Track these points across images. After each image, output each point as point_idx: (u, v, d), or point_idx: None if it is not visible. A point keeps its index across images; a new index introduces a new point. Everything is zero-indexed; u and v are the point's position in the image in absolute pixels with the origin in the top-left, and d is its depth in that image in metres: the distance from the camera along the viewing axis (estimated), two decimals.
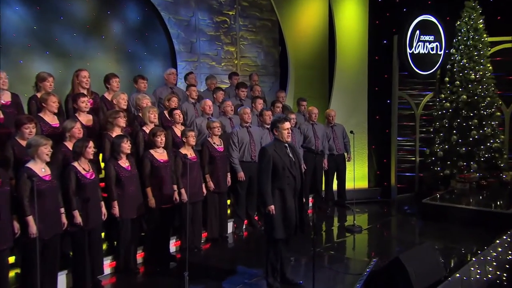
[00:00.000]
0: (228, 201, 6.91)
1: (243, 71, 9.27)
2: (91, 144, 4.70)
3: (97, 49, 7.51)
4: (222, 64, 9.13)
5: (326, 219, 7.45)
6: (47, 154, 4.31)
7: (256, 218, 6.85)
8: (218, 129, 6.13)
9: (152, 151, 5.44)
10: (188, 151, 5.71)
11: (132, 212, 5.12)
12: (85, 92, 5.62)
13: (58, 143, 4.84)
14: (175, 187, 5.55)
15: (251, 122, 6.84)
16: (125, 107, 5.74)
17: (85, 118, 5.43)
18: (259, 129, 6.68)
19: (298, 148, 6.80)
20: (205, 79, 8.12)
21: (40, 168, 4.32)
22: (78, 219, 4.59)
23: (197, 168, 5.81)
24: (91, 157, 4.73)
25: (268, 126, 6.53)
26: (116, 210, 5.03)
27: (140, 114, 5.94)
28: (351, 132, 7.44)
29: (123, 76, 6.97)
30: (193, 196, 5.73)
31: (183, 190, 5.59)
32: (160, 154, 5.44)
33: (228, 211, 6.85)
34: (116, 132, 5.35)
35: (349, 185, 7.75)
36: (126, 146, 5.06)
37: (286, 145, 4.64)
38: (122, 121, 5.40)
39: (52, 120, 5.17)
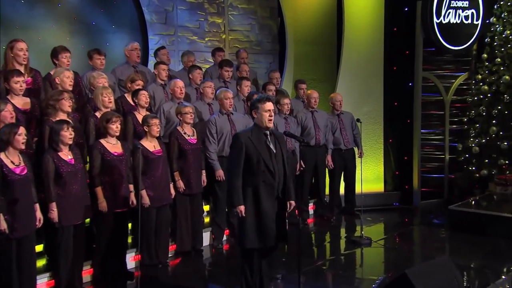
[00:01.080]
0: (207, 207, 6.87)
1: (233, 48, 9.17)
2: (21, 130, 4.55)
3: (51, 20, 7.43)
4: (206, 39, 9.06)
5: (331, 230, 7.45)
6: None
7: None
8: (191, 116, 6.06)
9: (103, 141, 5.33)
10: (151, 143, 5.68)
11: (75, 217, 5.00)
12: (21, 69, 5.50)
13: None
14: (131, 187, 5.46)
15: (235, 108, 6.79)
16: (70, 87, 5.67)
17: (21, 101, 5.32)
18: (244, 117, 6.60)
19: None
20: (180, 56, 8.05)
21: None
22: (2, 225, 4.43)
23: (163, 164, 5.74)
24: (22, 147, 4.57)
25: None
26: (54, 214, 4.88)
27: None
28: (358, 120, 7.34)
29: (82, 52, 6.90)
30: (158, 199, 5.69)
31: (143, 192, 5.55)
32: (113, 146, 5.36)
33: (206, 219, 6.83)
34: (60, 118, 5.24)
35: (359, 188, 7.49)
36: (67, 134, 4.94)
37: (267, 132, 4.57)
38: (66, 104, 5.23)
39: None
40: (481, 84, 8.53)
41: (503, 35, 8.41)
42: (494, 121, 8.31)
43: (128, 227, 5.86)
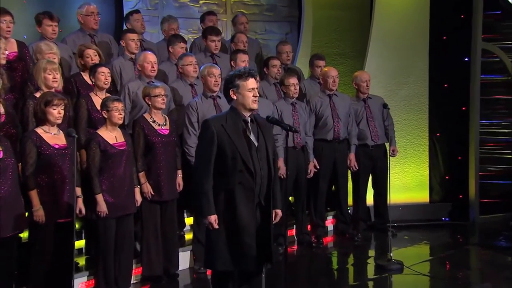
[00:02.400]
0: (190, 220, 6.89)
1: (237, 14, 9.15)
2: None
3: None
4: (201, 1, 9.12)
5: (354, 250, 7.41)
6: None
7: None
8: (162, 100, 6.03)
9: (40, 131, 5.30)
10: (111, 134, 5.68)
11: (3, 228, 4.94)
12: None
13: None
14: (79, 190, 5.51)
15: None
16: (3, 61, 5.71)
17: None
18: None
19: (307, 134, 7.17)
20: (160, 22, 8.12)
21: None
22: None
23: (127, 161, 5.74)
24: None
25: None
26: None
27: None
28: (385, 106, 7.22)
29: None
30: (118, 208, 5.68)
31: (99, 197, 5.56)
32: (54, 136, 5.36)
33: (188, 236, 6.82)
34: None
35: (395, 197, 7.38)
36: None
37: (247, 119, 4.57)
38: None
39: None
40: None
41: None
42: None
43: (75, 243, 5.75)
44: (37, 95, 5.65)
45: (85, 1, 7.32)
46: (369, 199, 7.87)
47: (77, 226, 6.28)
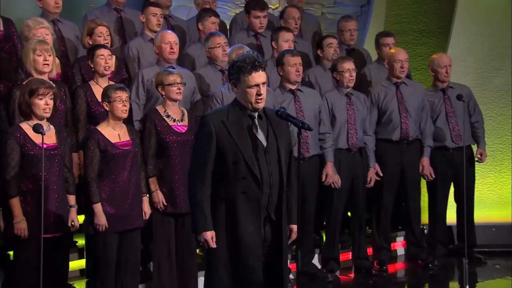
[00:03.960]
0: None
1: None
2: None
3: None
4: None
5: (428, 281, 7.43)
6: None
7: None
8: (178, 89, 6.13)
9: (25, 126, 5.45)
10: (114, 130, 5.79)
11: None
12: None
13: None
14: (73, 199, 5.66)
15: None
16: None
17: None
18: (272, 93, 6.74)
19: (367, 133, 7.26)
20: None
21: None
22: None
23: (131, 164, 5.84)
24: None
25: (294, 87, 6.92)
26: None
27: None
28: (459, 98, 7.06)
29: None
30: (121, 220, 5.79)
31: (98, 207, 5.67)
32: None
33: None
34: None
35: (481, 214, 7.34)
36: None
37: (254, 114, 4.61)
38: None
39: None
40: None
41: None
42: None
43: (74, 263, 6.10)
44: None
45: None
46: (450, 216, 7.76)
47: (79, 242, 6.54)
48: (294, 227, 4.70)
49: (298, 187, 4.68)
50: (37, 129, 5.17)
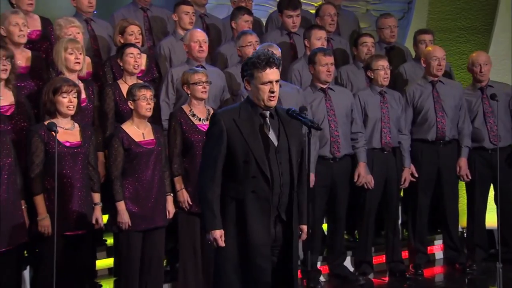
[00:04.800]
0: None
1: None
2: None
3: None
4: None
5: (468, 286, 7.34)
6: None
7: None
8: (203, 88, 6.15)
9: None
10: (138, 129, 5.84)
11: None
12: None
13: None
14: (97, 197, 5.71)
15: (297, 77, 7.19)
16: (21, 39, 6.08)
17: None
18: (298, 91, 6.81)
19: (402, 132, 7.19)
20: None
21: None
22: None
23: (155, 163, 5.88)
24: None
25: (325, 86, 6.91)
26: None
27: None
28: (493, 97, 6.98)
29: None
30: (145, 219, 5.83)
31: (121, 205, 5.70)
32: (66, 132, 5.54)
33: None
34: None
35: None
36: None
37: (266, 112, 4.64)
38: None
39: None
40: None
41: None
42: None
43: (103, 261, 6.28)
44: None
45: None
46: (490, 219, 7.59)
47: (108, 241, 6.58)
48: (305, 227, 4.75)
49: (308, 186, 4.76)
50: (51, 127, 5.25)
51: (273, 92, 4.54)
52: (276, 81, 4.59)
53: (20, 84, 6.04)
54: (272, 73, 4.56)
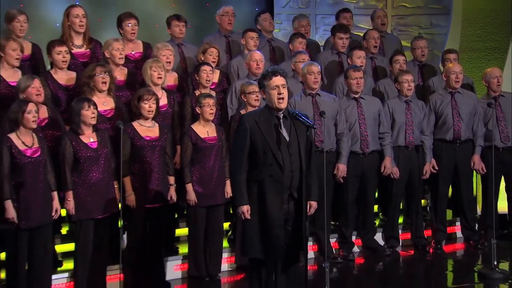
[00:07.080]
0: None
1: (398, 9, 9.85)
2: (31, 107, 5.66)
3: None
4: None
5: (473, 259, 7.73)
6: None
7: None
8: (256, 97, 6.82)
9: (135, 124, 6.39)
10: (204, 128, 6.66)
11: (96, 209, 6.04)
12: (79, 39, 6.97)
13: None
14: (172, 179, 6.52)
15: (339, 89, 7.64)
16: (120, 61, 6.88)
17: (65, 76, 6.70)
18: (334, 100, 7.37)
19: (424, 133, 7.66)
20: (292, 20, 8.96)
21: None
22: (10, 213, 5.61)
23: (216, 155, 6.66)
24: (33, 126, 5.71)
25: (357, 95, 7.44)
26: (69, 205, 5.95)
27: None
28: (489, 105, 7.55)
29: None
30: (208, 197, 6.62)
31: (189, 187, 6.56)
32: (148, 129, 6.37)
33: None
34: (97, 98, 6.34)
35: None
36: (88, 114, 5.97)
37: (280, 115, 5.19)
38: (99, 81, 6.36)
39: (11, 75, 6.46)
40: None
41: None
42: None
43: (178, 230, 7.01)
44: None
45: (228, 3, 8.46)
46: (502, 205, 8.02)
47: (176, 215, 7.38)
48: (313, 203, 5.22)
49: (315, 172, 5.24)
50: (117, 125, 5.93)
51: (280, 94, 5.03)
52: (283, 86, 5.06)
53: (119, 94, 6.76)
54: (278, 80, 5.06)
